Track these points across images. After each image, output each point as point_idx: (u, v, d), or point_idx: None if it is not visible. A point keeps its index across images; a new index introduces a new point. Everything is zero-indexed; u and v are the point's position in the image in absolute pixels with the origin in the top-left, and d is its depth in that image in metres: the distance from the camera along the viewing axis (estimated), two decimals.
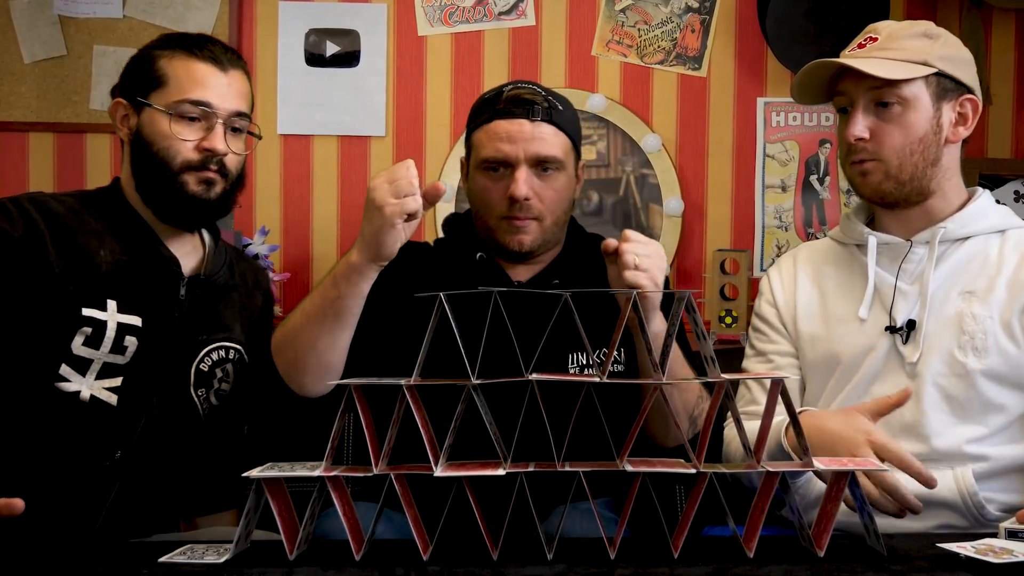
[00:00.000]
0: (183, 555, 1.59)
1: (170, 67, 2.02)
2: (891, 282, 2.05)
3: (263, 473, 1.57)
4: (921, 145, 2.00)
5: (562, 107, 2.15)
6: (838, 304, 2.10)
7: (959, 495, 1.93)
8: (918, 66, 1.99)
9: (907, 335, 2.01)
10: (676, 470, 1.59)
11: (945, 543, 1.61)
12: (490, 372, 1.58)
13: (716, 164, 3.41)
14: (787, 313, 2.15)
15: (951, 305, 2.00)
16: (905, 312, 2.03)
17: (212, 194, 2.03)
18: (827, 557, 1.58)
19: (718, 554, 1.60)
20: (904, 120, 1.99)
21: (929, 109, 2.00)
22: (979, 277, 2.02)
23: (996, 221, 2.06)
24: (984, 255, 2.03)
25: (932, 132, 2.00)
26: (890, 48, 2.01)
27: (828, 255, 2.18)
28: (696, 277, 3.39)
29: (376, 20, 3.37)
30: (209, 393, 2.07)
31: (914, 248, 2.05)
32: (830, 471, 1.63)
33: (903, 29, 2.03)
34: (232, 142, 2.04)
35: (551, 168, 2.11)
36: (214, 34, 3.31)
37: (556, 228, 2.16)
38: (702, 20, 3.39)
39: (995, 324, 1.97)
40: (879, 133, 2.00)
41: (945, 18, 3.34)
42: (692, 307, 1.60)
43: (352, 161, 3.40)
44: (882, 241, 2.07)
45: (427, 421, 1.60)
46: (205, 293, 2.08)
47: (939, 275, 2.03)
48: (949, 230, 2.03)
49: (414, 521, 1.59)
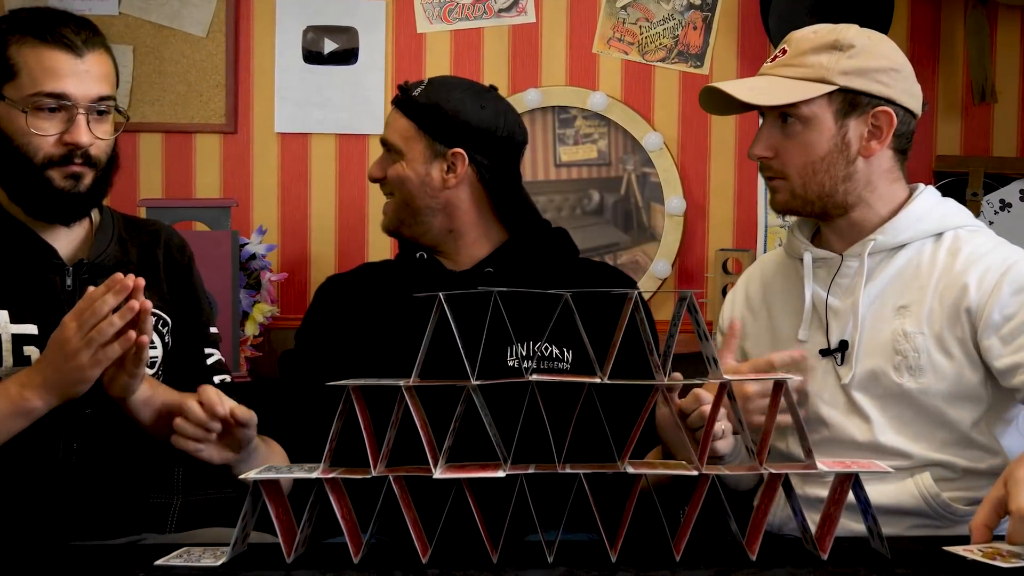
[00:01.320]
0: (179, 558, 1.58)
1: (20, 56, 1.88)
2: (825, 299, 2.00)
3: (260, 475, 1.57)
4: (824, 164, 1.94)
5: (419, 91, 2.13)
6: (783, 323, 2.07)
7: (923, 501, 1.90)
8: (814, 84, 1.92)
9: (842, 356, 1.96)
10: (678, 472, 1.59)
11: (951, 547, 1.59)
12: (434, 374, 1.59)
13: (718, 163, 3.41)
14: (740, 341, 2.11)
15: (885, 322, 1.94)
16: (838, 331, 1.97)
17: (82, 187, 1.92)
18: (831, 560, 1.57)
19: (720, 557, 1.59)
20: (804, 139, 1.94)
21: (831, 127, 1.93)
22: (910, 289, 1.94)
23: (932, 224, 1.97)
24: (917, 263, 1.96)
25: (837, 150, 1.94)
26: (792, 64, 1.95)
27: (777, 270, 2.13)
28: (698, 277, 3.39)
29: (375, 17, 3.37)
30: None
31: (846, 262, 1.98)
32: (832, 472, 1.62)
33: (811, 41, 1.95)
34: (97, 128, 1.92)
35: (392, 151, 2.13)
36: (211, 32, 3.35)
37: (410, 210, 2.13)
38: (704, 17, 3.39)
39: (927, 340, 1.90)
40: (782, 151, 1.96)
41: (950, 15, 3.33)
42: (694, 307, 1.59)
43: (350, 160, 3.41)
44: (817, 256, 2.01)
45: (426, 422, 1.60)
46: (96, 277, 1.94)
47: (871, 291, 1.96)
48: (879, 241, 1.96)
49: (413, 523, 1.59)
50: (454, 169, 2.09)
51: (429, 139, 2.10)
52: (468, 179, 2.10)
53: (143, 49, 3.35)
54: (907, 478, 1.91)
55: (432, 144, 2.10)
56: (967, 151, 3.39)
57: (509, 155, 2.13)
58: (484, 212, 2.13)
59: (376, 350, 2.02)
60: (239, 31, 3.38)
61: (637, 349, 1.67)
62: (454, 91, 2.11)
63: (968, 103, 3.37)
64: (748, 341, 2.11)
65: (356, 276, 2.22)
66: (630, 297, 1.60)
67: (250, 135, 3.41)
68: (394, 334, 2.00)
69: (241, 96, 3.40)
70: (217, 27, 3.34)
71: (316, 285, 3.32)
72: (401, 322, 1.98)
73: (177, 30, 3.36)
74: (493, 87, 2.18)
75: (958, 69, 3.37)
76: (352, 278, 2.22)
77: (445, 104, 2.09)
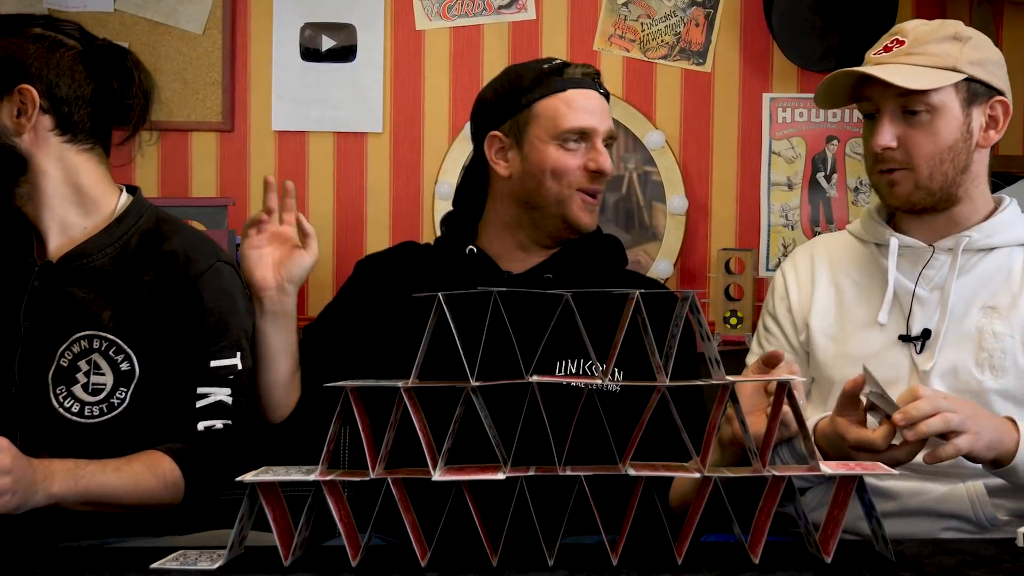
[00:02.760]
0: (175, 561, 1.57)
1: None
2: (910, 288, 2.00)
3: (257, 477, 1.55)
4: (951, 153, 1.95)
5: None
6: (855, 305, 2.06)
7: (971, 507, 1.90)
8: (946, 72, 1.93)
9: (921, 344, 1.97)
10: (681, 474, 1.58)
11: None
12: (485, 374, 1.55)
13: (721, 161, 3.41)
14: (801, 313, 2.10)
15: (971, 319, 1.96)
16: (922, 320, 1.98)
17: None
18: (834, 563, 1.55)
19: (723, 560, 1.58)
20: (933, 128, 1.94)
21: (959, 116, 1.95)
22: (1001, 293, 1.97)
23: (1022, 233, 2.01)
24: (1008, 270, 1.99)
25: (962, 139, 1.95)
26: (917, 53, 1.95)
27: (847, 252, 2.12)
28: (700, 277, 3.39)
29: (373, 14, 3.37)
30: (73, 388, 1.95)
31: (936, 254, 2.00)
32: (837, 475, 1.60)
33: (931, 32, 1.97)
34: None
35: (609, 145, 2.10)
36: (207, 29, 3.34)
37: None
38: (706, 14, 3.39)
39: (1015, 343, 1.93)
40: (907, 141, 1.95)
41: (955, 12, 3.32)
42: (696, 308, 1.57)
43: (348, 158, 3.41)
44: (904, 244, 2.02)
45: (425, 424, 1.58)
46: (64, 281, 1.93)
47: (961, 286, 1.98)
48: (974, 239, 1.98)
49: (412, 526, 1.57)
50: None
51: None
52: None
53: (138, 46, 3.31)
54: (959, 483, 1.91)
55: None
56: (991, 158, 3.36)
57: None
58: None
59: (400, 345, 1.90)
60: (236, 28, 3.37)
61: (686, 353, 1.67)
62: None
63: None
64: (814, 316, 2.08)
65: (394, 259, 2.16)
66: (632, 297, 1.58)
67: (247, 133, 3.40)
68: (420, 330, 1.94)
69: (238, 94, 3.40)
70: (213, 24, 3.34)
71: (313, 285, 3.38)
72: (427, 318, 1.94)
73: (173, 27, 3.35)
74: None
75: None
76: (391, 260, 2.16)
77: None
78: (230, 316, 2.00)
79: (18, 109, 1.93)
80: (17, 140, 1.93)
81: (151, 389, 1.93)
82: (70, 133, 1.96)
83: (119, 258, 1.96)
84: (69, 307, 1.93)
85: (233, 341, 1.99)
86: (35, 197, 1.96)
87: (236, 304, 2.02)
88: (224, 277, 2.02)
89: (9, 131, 1.93)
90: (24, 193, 1.96)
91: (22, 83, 1.92)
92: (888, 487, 1.91)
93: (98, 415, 1.91)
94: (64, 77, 1.95)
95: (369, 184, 3.40)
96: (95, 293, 1.94)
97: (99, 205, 1.99)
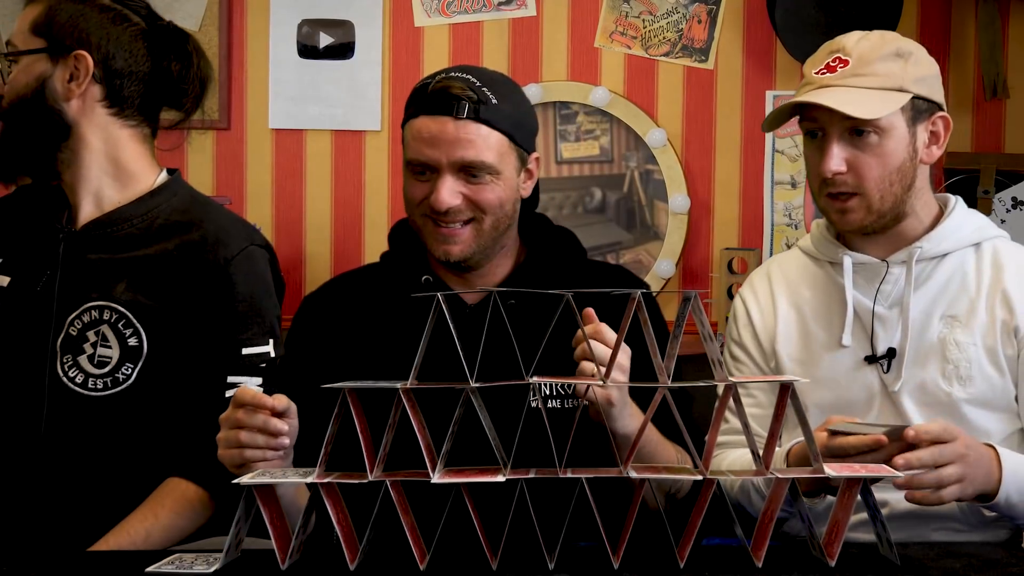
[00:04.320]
0: (171, 564, 1.57)
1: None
2: (869, 306, 2.01)
3: (254, 479, 1.55)
4: (899, 174, 1.95)
5: (499, 99, 1.90)
6: (817, 328, 2.06)
7: (957, 507, 1.91)
8: (894, 94, 1.93)
9: (888, 364, 1.98)
10: (682, 477, 1.60)
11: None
12: (437, 379, 1.55)
13: (723, 160, 3.41)
14: (767, 338, 2.10)
15: (932, 331, 1.98)
16: (885, 339, 1.99)
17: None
18: (838, 567, 1.55)
19: (725, 564, 1.59)
20: (882, 150, 1.93)
21: (905, 135, 1.95)
22: (959, 300, 1.98)
23: (970, 233, 2.02)
24: (962, 273, 2.00)
25: (908, 158, 1.96)
26: (863, 74, 1.93)
27: (802, 272, 2.12)
28: (703, 277, 3.39)
29: (371, 10, 3.36)
30: (78, 359, 1.91)
31: (891, 269, 2.00)
32: (841, 478, 1.60)
33: (873, 49, 1.95)
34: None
35: (482, 173, 1.88)
36: (203, 25, 3.34)
37: (496, 234, 1.93)
38: (709, 10, 3.38)
39: (979, 351, 1.95)
40: (857, 165, 1.94)
41: (961, 9, 3.32)
42: (698, 308, 1.57)
43: (346, 156, 3.40)
44: (857, 261, 2.02)
45: (424, 426, 1.58)
46: (90, 247, 1.94)
47: (919, 299, 1.99)
48: (925, 249, 1.99)
49: (410, 529, 1.58)
50: (531, 177, 1.97)
51: (519, 150, 1.93)
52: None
53: None
54: None
55: (520, 155, 1.93)
56: (978, 148, 3.38)
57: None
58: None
59: (372, 360, 1.88)
60: (232, 24, 3.37)
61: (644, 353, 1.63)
62: (514, 88, 1.97)
63: (979, 99, 3.36)
64: (779, 341, 2.08)
65: (338, 292, 2.03)
66: (633, 297, 1.57)
67: (244, 131, 3.40)
68: (391, 342, 1.88)
69: (234, 91, 3.39)
70: (210, 20, 3.34)
71: (311, 285, 3.37)
72: (397, 330, 1.89)
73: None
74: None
75: (969, 64, 3.35)
76: (333, 295, 2.03)
77: (523, 106, 1.95)
78: (263, 301, 1.99)
79: (71, 74, 1.97)
80: (65, 105, 1.97)
81: (162, 370, 1.93)
82: (118, 107, 2.00)
83: (144, 232, 1.97)
84: (85, 274, 1.94)
85: (267, 328, 1.97)
86: (73, 165, 1.99)
87: (269, 289, 2.01)
88: (257, 261, 2.01)
89: (58, 95, 1.96)
90: (64, 159, 2.01)
91: (80, 49, 1.94)
92: (877, 496, 1.90)
93: (102, 389, 1.91)
94: (122, 51, 1.99)
95: (367, 183, 3.40)
96: (113, 263, 1.95)
97: (136, 181, 2.02)
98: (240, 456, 1.61)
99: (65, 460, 1.91)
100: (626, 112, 3.36)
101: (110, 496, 1.90)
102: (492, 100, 1.88)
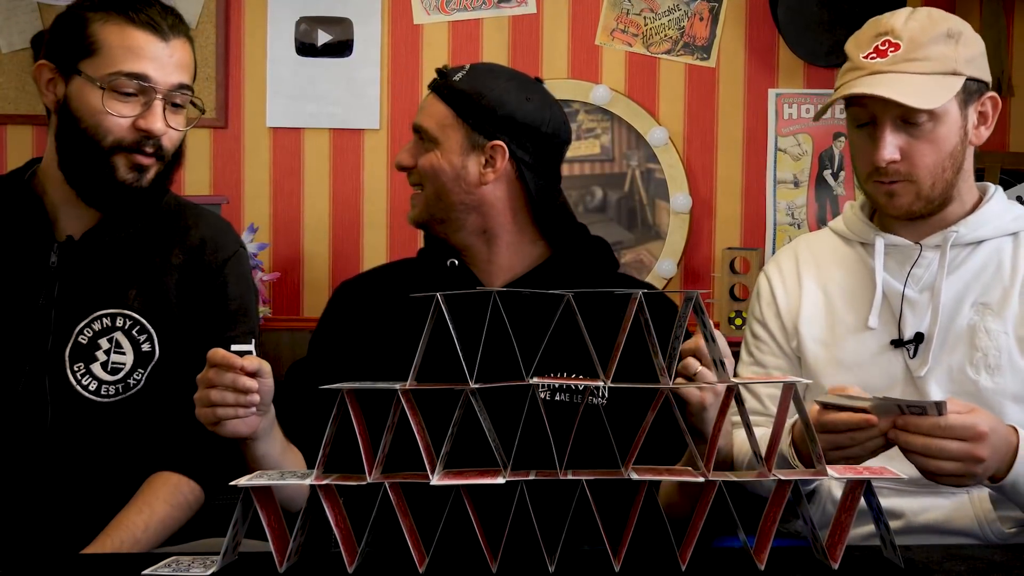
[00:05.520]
0: (168, 567, 1.56)
1: (104, 32, 1.87)
2: (899, 289, 1.98)
3: (251, 482, 1.55)
4: (952, 158, 1.91)
5: (467, 82, 1.98)
6: (844, 309, 2.03)
7: (977, 524, 1.88)
8: (949, 78, 1.89)
9: (915, 348, 1.94)
10: (684, 478, 1.57)
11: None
12: (440, 379, 1.55)
13: (725, 158, 3.41)
14: (789, 317, 2.06)
15: (963, 317, 1.94)
16: (913, 324, 1.95)
17: (144, 180, 1.90)
18: (842, 569, 1.55)
19: (727, 566, 1.59)
20: (935, 136, 1.90)
21: (958, 119, 1.91)
22: (993, 287, 1.94)
23: (1010, 222, 1.98)
24: (998, 262, 1.96)
25: (960, 141, 1.92)
26: (916, 59, 1.88)
27: (832, 253, 2.09)
28: (704, 276, 3.39)
29: (370, 8, 3.37)
30: (92, 366, 1.92)
31: (924, 253, 1.97)
32: (844, 479, 1.59)
33: (924, 31, 1.90)
34: (172, 118, 1.91)
35: (425, 140, 1.99)
36: (201, 22, 3.34)
37: (442, 205, 2.00)
38: (711, 8, 3.38)
39: (1010, 340, 1.91)
40: (910, 152, 1.90)
41: (964, 6, 3.31)
42: (700, 308, 1.56)
43: (345, 155, 3.41)
44: (890, 243, 1.99)
45: (423, 427, 1.57)
46: (88, 257, 1.93)
47: (951, 284, 1.95)
48: (961, 234, 1.96)
49: (409, 532, 1.57)
50: (492, 163, 1.97)
51: (468, 128, 1.97)
52: (506, 176, 1.98)
53: None
54: (963, 494, 1.89)
55: (471, 134, 1.97)
56: (983, 146, 3.29)
57: (552, 154, 2.02)
58: (520, 215, 2.02)
59: (395, 359, 1.87)
60: (230, 22, 3.37)
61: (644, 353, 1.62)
62: (499, 79, 2.00)
63: None
64: (803, 321, 2.05)
65: (372, 281, 2.11)
66: (633, 297, 1.56)
67: (241, 130, 3.40)
68: (416, 336, 1.89)
69: (232, 89, 3.39)
70: (207, 18, 3.34)
71: (309, 285, 3.38)
72: (420, 324, 1.88)
73: None
74: (539, 79, 2.07)
75: None
76: (367, 283, 2.11)
77: (488, 92, 1.97)
78: (250, 302, 2.05)
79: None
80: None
81: (167, 372, 1.95)
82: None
83: (143, 237, 1.96)
84: (91, 284, 1.94)
85: (251, 328, 2.03)
86: (49, 174, 1.97)
87: (254, 290, 2.08)
88: (245, 263, 2.08)
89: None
90: (40, 171, 1.98)
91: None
92: (893, 505, 1.89)
93: (113, 395, 1.93)
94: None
95: (366, 182, 3.40)
96: (120, 271, 1.95)
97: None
98: (213, 414, 1.66)
99: (69, 464, 1.91)
100: (627, 110, 3.37)
101: (112, 497, 1.91)
102: (456, 79, 1.99)
